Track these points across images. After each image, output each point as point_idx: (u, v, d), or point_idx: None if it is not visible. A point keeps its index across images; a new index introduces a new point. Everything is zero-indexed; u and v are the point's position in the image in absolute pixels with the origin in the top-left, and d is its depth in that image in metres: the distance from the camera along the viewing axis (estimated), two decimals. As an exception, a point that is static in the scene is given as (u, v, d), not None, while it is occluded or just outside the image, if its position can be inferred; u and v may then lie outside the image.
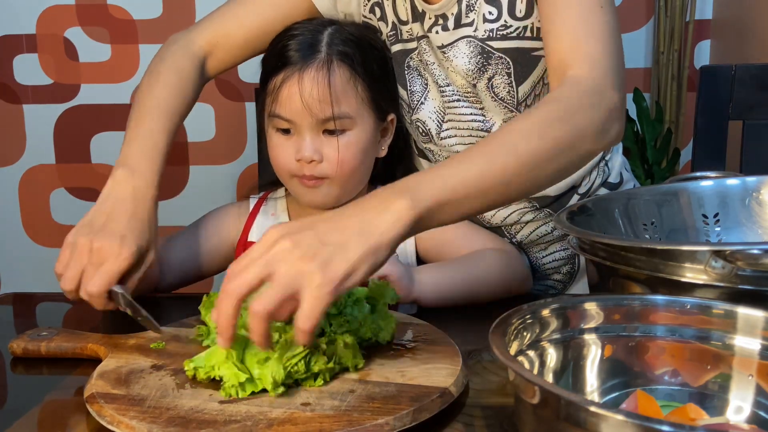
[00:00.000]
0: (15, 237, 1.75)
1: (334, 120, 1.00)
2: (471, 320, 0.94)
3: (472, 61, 1.03)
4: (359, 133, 1.03)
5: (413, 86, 1.09)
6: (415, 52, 1.08)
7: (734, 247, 0.65)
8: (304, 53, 1.00)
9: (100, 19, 1.66)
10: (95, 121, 1.70)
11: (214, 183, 1.69)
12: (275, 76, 1.01)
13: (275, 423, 0.62)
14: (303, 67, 0.99)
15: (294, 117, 1.00)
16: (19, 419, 0.69)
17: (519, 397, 0.55)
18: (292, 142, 1.02)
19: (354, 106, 1.01)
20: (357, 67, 1.02)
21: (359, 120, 1.02)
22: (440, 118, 1.08)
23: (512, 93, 1.04)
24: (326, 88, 0.99)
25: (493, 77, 1.03)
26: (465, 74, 1.03)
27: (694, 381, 0.64)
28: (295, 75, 0.99)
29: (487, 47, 1.02)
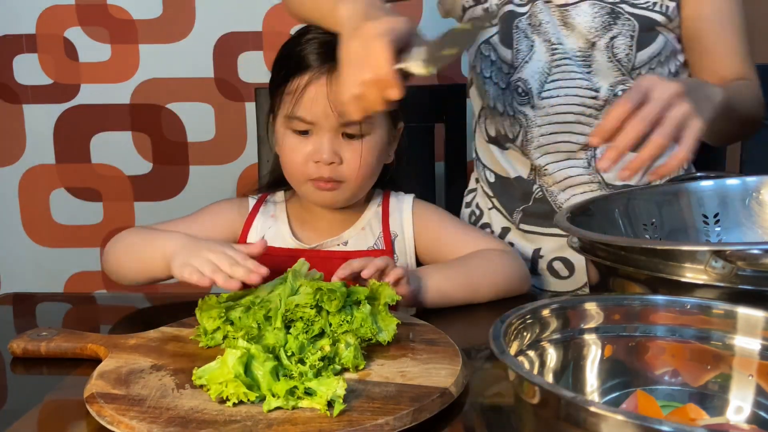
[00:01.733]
0: (15, 237, 1.75)
1: (360, 124, 0.99)
2: (471, 320, 0.94)
3: (596, 20, 1.08)
4: (377, 138, 1.03)
5: (519, 45, 1.12)
6: (525, 16, 1.12)
7: (734, 247, 0.65)
8: (329, 55, 0.98)
9: (100, 19, 1.66)
10: (95, 121, 1.70)
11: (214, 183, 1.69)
12: (297, 78, 1.00)
13: (275, 423, 0.62)
14: (332, 67, 0.97)
15: (317, 119, 0.99)
16: (19, 419, 0.69)
17: (519, 397, 0.55)
18: (311, 143, 1.01)
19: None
20: None
21: (378, 125, 1.03)
22: (544, 78, 1.11)
23: (630, 57, 1.08)
24: None
25: (617, 37, 1.08)
26: (587, 32, 1.08)
27: (694, 381, 0.64)
28: (322, 77, 0.99)
29: (617, 9, 1.08)
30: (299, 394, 0.65)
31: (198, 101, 1.69)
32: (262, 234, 1.08)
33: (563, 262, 1.15)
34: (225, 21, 1.65)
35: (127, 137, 1.71)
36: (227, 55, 1.66)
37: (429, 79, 1.59)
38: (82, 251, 1.74)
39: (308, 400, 0.64)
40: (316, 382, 0.65)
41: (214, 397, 0.66)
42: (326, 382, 0.65)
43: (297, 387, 0.65)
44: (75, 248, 1.75)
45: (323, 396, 0.63)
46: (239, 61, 1.66)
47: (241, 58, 1.66)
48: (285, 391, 0.64)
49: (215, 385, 0.66)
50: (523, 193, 1.17)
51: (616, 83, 1.09)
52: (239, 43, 1.66)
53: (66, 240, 1.75)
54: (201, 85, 1.68)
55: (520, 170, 1.17)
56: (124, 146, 1.71)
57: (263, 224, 1.10)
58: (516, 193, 1.18)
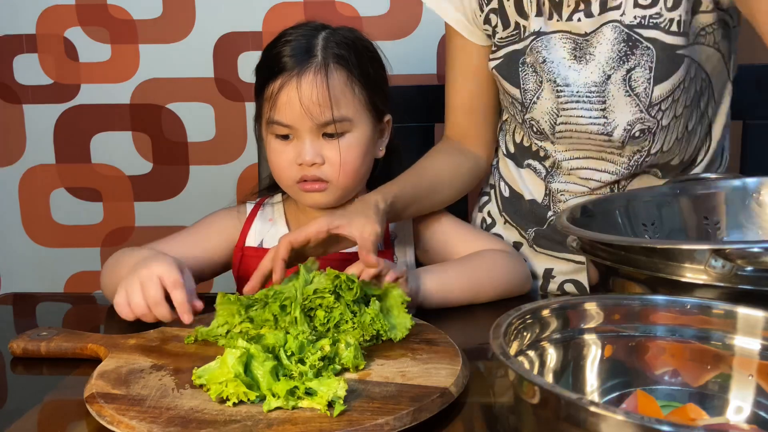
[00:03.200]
0: (15, 237, 1.75)
1: (335, 123, 0.99)
2: (471, 320, 0.94)
3: (614, 48, 0.98)
4: (358, 135, 1.03)
5: (526, 84, 1.05)
6: (528, 50, 1.04)
7: (734, 246, 0.65)
8: (300, 58, 0.99)
9: (100, 19, 1.66)
10: (95, 121, 1.69)
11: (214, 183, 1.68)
12: (272, 83, 1.00)
13: (275, 423, 0.62)
14: (300, 71, 0.98)
15: (293, 122, 0.99)
16: (19, 419, 0.69)
17: (519, 397, 0.55)
18: (292, 148, 1.01)
19: (352, 108, 1.01)
20: (353, 69, 1.02)
21: (358, 122, 1.02)
22: (553, 120, 1.04)
23: (648, 90, 0.97)
24: (325, 92, 0.98)
25: (634, 69, 0.97)
26: (605, 62, 0.98)
27: (694, 381, 0.64)
28: (293, 80, 0.99)
29: (634, 35, 0.97)
30: (299, 394, 0.65)
31: (198, 101, 1.69)
32: (260, 237, 1.08)
33: (575, 285, 1.13)
34: (225, 21, 1.65)
35: (127, 137, 1.71)
36: (227, 55, 1.66)
37: (428, 79, 1.61)
38: (82, 251, 1.74)
39: (308, 400, 0.64)
40: (317, 383, 0.65)
41: (214, 397, 0.66)
42: (327, 382, 0.65)
43: (297, 387, 0.65)
44: (75, 248, 1.75)
45: (324, 396, 0.63)
46: (239, 61, 1.66)
47: (241, 58, 1.66)
48: (285, 391, 0.64)
49: (215, 385, 0.66)
50: (537, 217, 1.14)
51: (635, 121, 1.00)
52: (239, 43, 1.66)
53: (66, 240, 1.75)
54: (201, 85, 1.68)
55: (535, 194, 1.14)
56: (124, 146, 1.71)
57: (261, 228, 1.09)
58: (529, 215, 1.15)
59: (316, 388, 0.65)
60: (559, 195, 1.11)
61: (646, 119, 1.00)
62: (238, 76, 1.67)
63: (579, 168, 1.07)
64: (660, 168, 1.07)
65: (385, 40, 1.42)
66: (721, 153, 1.12)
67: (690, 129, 1.04)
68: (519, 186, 1.16)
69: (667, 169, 1.07)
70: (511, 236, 1.18)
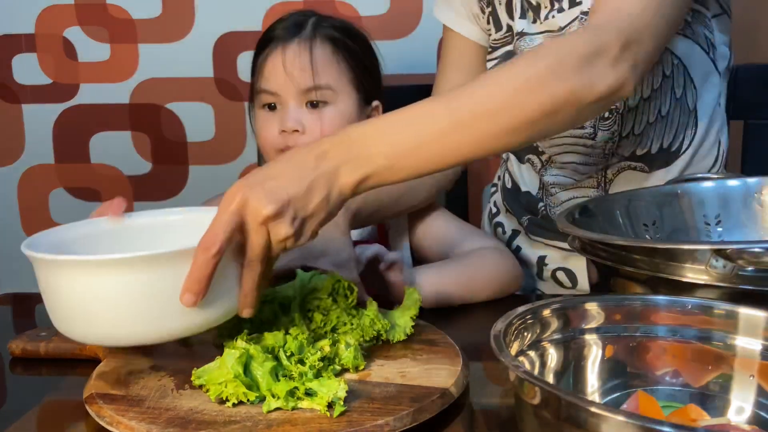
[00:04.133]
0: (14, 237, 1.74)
1: (315, 90, 1.04)
2: (471, 320, 0.94)
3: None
4: (341, 107, 1.06)
5: None
6: (516, 50, 1.08)
7: (735, 246, 0.65)
8: (290, 31, 1.07)
9: (99, 19, 1.66)
10: (94, 121, 1.69)
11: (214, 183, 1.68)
12: (261, 54, 1.07)
13: (275, 424, 0.62)
14: (287, 42, 1.05)
15: (278, 89, 1.05)
16: (19, 419, 0.69)
17: (519, 398, 0.55)
18: (277, 117, 1.06)
19: (335, 79, 1.06)
20: (340, 47, 1.07)
21: (341, 95, 1.06)
22: None
23: None
24: (308, 59, 1.04)
25: None
26: None
27: (695, 381, 0.64)
28: (278, 48, 1.05)
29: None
30: (299, 394, 0.64)
31: (197, 101, 1.69)
32: None
33: (566, 273, 1.15)
34: (225, 21, 1.65)
35: (126, 137, 1.71)
36: (227, 54, 1.66)
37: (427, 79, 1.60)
38: (81, 251, 1.74)
39: (308, 401, 0.64)
40: (317, 383, 0.65)
41: (214, 398, 0.66)
42: (327, 383, 0.65)
43: (297, 388, 0.65)
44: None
45: (324, 397, 0.63)
46: (239, 60, 1.66)
47: (241, 58, 1.66)
48: (285, 391, 0.64)
49: (214, 385, 0.66)
50: (531, 207, 1.18)
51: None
52: (239, 42, 1.65)
53: (65, 240, 1.75)
54: (201, 84, 1.68)
55: (531, 186, 1.18)
56: (124, 146, 1.71)
57: None
58: (525, 205, 1.19)
59: (316, 388, 0.65)
60: (550, 188, 1.14)
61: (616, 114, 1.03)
62: (238, 76, 1.67)
63: (565, 161, 1.11)
64: (641, 159, 1.08)
65: (384, 39, 1.42)
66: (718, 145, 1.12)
67: (664, 114, 1.06)
68: (518, 179, 1.20)
69: (650, 160, 1.08)
70: (511, 224, 1.23)
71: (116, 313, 0.64)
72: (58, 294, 0.66)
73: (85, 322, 0.66)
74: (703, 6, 1.03)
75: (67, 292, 0.65)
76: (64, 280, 0.65)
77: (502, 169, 1.28)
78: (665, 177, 1.07)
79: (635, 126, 1.05)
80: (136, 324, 0.65)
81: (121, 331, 0.66)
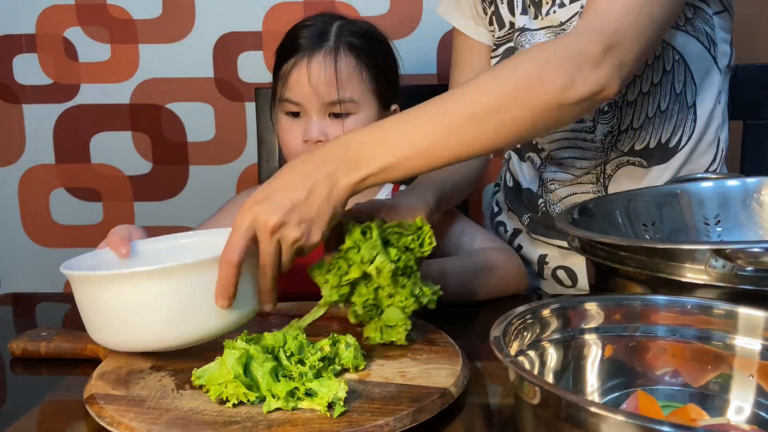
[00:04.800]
0: (14, 237, 1.75)
1: (340, 103, 1.06)
2: (471, 320, 0.94)
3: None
4: (363, 118, 1.08)
5: None
6: (517, 46, 1.09)
7: (734, 246, 0.65)
8: (314, 41, 1.07)
9: (99, 19, 1.66)
10: (95, 121, 1.69)
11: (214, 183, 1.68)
12: (286, 63, 1.08)
13: (275, 424, 0.62)
14: (312, 53, 1.06)
15: (302, 99, 1.06)
16: (19, 419, 0.69)
17: (519, 398, 0.55)
18: (300, 125, 1.08)
19: (358, 92, 1.08)
20: (363, 57, 1.09)
21: (364, 106, 1.08)
22: None
23: None
24: (333, 73, 1.05)
25: None
26: None
27: (694, 381, 0.64)
28: (304, 60, 1.06)
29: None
30: (299, 395, 0.65)
31: (198, 101, 1.69)
32: None
33: (566, 272, 1.16)
34: (225, 21, 1.65)
35: (126, 137, 1.71)
36: (227, 55, 1.66)
37: (428, 79, 1.60)
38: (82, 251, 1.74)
39: (308, 401, 0.64)
40: (317, 383, 0.65)
41: (214, 398, 0.66)
42: (327, 383, 0.65)
43: (298, 388, 0.65)
44: (75, 248, 1.74)
45: (324, 397, 0.63)
46: (239, 61, 1.66)
47: (241, 58, 1.66)
48: (285, 392, 0.64)
49: (214, 386, 0.66)
50: (531, 204, 1.19)
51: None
52: (239, 43, 1.65)
53: (66, 240, 1.75)
54: (201, 85, 1.68)
55: (531, 184, 1.19)
56: (124, 146, 1.71)
57: None
58: (525, 203, 1.20)
59: (317, 389, 0.65)
60: (549, 184, 1.15)
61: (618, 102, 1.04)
62: (238, 76, 1.67)
63: (564, 157, 1.12)
64: (640, 155, 1.08)
65: (385, 39, 1.42)
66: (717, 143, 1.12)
67: (663, 108, 1.06)
68: (519, 177, 1.22)
69: (648, 155, 1.08)
70: (513, 223, 1.24)
71: (154, 319, 0.73)
72: (100, 307, 0.75)
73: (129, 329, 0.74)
74: (704, 3, 1.04)
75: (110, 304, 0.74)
76: (106, 294, 0.74)
77: (504, 168, 1.29)
78: (663, 172, 1.07)
79: (634, 120, 1.06)
80: (177, 326, 0.73)
81: (160, 336, 0.74)
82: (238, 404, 0.65)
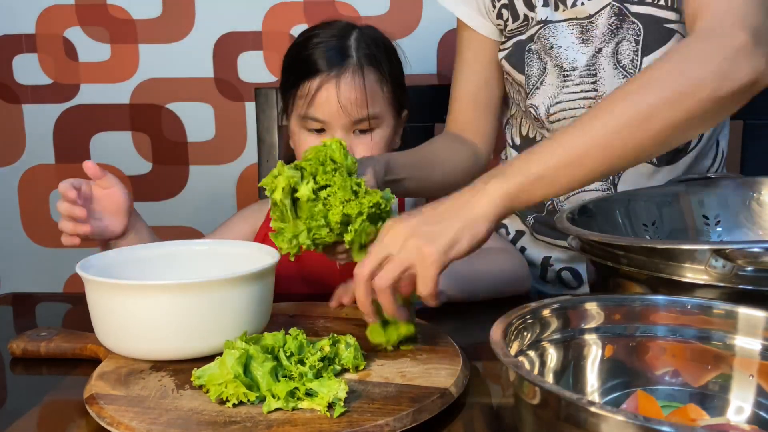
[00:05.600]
0: (14, 237, 1.75)
1: (369, 120, 1.06)
2: (471, 320, 0.94)
3: (606, 23, 1.02)
4: (385, 130, 1.09)
5: (530, 70, 1.09)
6: (535, 38, 1.07)
7: (734, 246, 0.65)
8: (337, 59, 1.06)
9: (99, 19, 1.65)
10: (95, 121, 1.69)
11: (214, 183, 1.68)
12: (308, 81, 1.06)
13: (275, 424, 0.62)
14: (339, 73, 1.05)
15: (330, 118, 1.06)
16: (19, 419, 0.69)
17: (519, 398, 0.55)
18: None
19: (381, 106, 1.08)
20: (383, 70, 1.09)
21: (386, 118, 1.10)
22: (549, 102, 1.07)
23: (635, 62, 1.01)
24: (362, 92, 1.06)
25: (621, 42, 1.01)
26: (597, 39, 1.02)
27: (694, 381, 0.64)
28: (331, 81, 1.05)
29: (624, 9, 1.01)
30: (299, 395, 0.65)
31: (198, 101, 1.69)
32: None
33: (572, 273, 1.15)
34: (225, 21, 1.65)
35: (126, 137, 1.71)
36: (227, 55, 1.66)
37: (428, 79, 1.60)
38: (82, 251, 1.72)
39: (308, 401, 0.64)
40: (317, 384, 0.65)
41: (214, 398, 0.66)
42: (327, 383, 0.65)
43: (298, 388, 0.65)
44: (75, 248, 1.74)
45: (324, 397, 0.63)
46: (239, 61, 1.66)
47: (241, 58, 1.66)
48: (285, 392, 0.64)
49: (214, 386, 0.66)
50: (536, 204, 1.16)
51: None
52: (239, 43, 1.65)
53: (66, 240, 1.75)
54: (201, 85, 1.68)
55: None
56: (124, 146, 1.71)
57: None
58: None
59: (317, 389, 0.65)
60: None
61: None
62: (238, 76, 1.67)
63: None
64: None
65: (384, 39, 1.42)
66: (716, 145, 1.12)
67: None
68: None
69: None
70: (515, 225, 1.22)
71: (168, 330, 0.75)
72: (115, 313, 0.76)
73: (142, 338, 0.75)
74: None
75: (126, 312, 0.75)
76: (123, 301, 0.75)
77: None
78: (671, 173, 1.07)
79: None
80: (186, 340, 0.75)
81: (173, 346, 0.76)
82: (238, 404, 0.65)
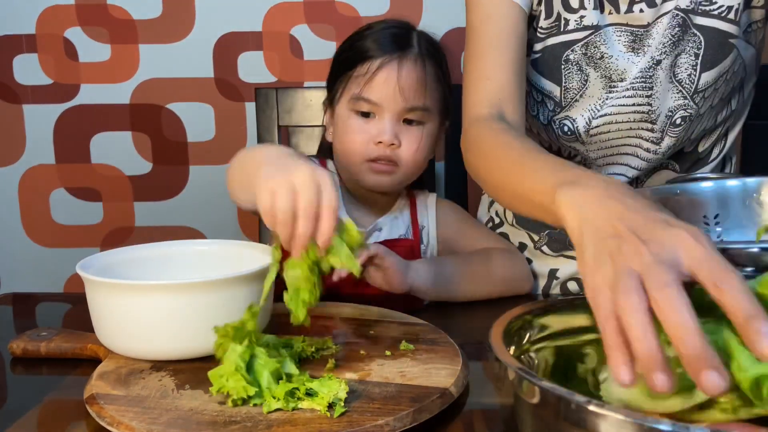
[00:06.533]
0: (15, 237, 1.75)
1: (422, 110, 1.05)
2: (471, 320, 0.94)
3: (667, 33, 0.96)
4: (431, 128, 1.08)
5: (569, 83, 1.02)
6: (579, 44, 1.00)
7: (734, 246, 0.65)
8: (401, 44, 1.05)
9: (99, 19, 1.66)
10: (95, 121, 1.69)
11: (214, 183, 1.68)
12: (368, 62, 1.04)
13: (275, 424, 0.62)
14: (402, 55, 1.04)
15: (383, 101, 1.03)
16: (19, 419, 0.69)
17: (519, 397, 0.55)
18: (372, 126, 1.05)
19: (434, 101, 1.07)
20: (443, 68, 1.08)
21: (433, 117, 1.08)
22: (593, 114, 1.02)
23: (693, 77, 0.97)
24: (423, 78, 1.04)
25: (680, 55, 0.97)
26: (656, 49, 0.97)
27: (694, 381, 0.64)
28: (394, 61, 1.04)
29: (688, 19, 0.95)
30: (300, 395, 0.65)
31: (198, 101, 1.69)
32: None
33: (578, 283, 1.14)
34: (225, 21, 1.65)
35: (126, 137, 1.71)
36: (227, 55, 1.66)
37: (429, 79, 1.60)
38: (82, 251, 1.74)
39: (309, 401, 0.64)
40: (318, 383, 0.65)
41: (215, 392, 0.66)
42: (328, 383, 0.65)
43: (298, 388, 0.65)
44: (75, 248, 1.75)
45: (324, 398, 0.63)
46: (239, 61, 1.66)
47: (241, 58, 1.66)
48: (285, 392, 0.64)
49: (217, 379, 0.66)
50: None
51: (676, 108, 1.00)
52: (239, 43, 1.66)
53: (66, 240, 1.75)
54: (201, 85, 1.68)
55: None
56: (124, 146, 1.71)
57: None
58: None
59: (317, 389, 0.65)
60: None
61: (689, 106, 0.99)
62: (238, 76, 1.67)
63: (606, 164, 1.07)
64: (675, 159, 1.08)
65: (385, 40, 1.42)
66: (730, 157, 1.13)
67: (718, 122, 1.05)
68: None
69: (682, 160, 1.08)
70: (517, 237, 1.19)
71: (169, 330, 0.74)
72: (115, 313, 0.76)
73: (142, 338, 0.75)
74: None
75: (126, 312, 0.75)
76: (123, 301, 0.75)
77: None
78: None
79: (695, 131, 1.03)
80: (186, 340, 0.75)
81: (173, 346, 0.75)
82: (239, 404, 0.65)
